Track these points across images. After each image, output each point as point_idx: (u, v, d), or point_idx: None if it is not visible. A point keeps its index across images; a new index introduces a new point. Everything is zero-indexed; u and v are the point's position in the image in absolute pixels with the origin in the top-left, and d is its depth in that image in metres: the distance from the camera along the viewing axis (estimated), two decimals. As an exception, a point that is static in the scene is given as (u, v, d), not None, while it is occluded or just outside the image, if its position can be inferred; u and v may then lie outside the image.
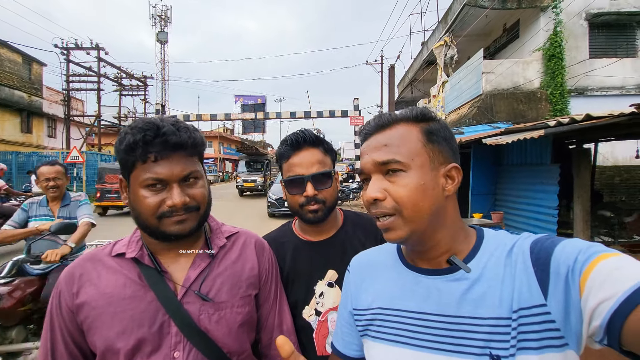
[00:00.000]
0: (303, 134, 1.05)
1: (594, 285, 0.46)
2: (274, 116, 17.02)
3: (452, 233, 0.64)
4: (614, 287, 0.44)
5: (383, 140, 0.62)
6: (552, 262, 0.53)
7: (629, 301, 0.42)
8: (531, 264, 0.56)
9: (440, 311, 0.60)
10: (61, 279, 0.81)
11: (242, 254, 0.94)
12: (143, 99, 26.60)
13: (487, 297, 0.57)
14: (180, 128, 0.79)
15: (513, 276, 0.56)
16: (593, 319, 0.46)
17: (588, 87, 9.23)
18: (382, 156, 0.61)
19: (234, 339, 0.84)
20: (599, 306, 0.45)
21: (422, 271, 0.65)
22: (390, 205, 0.59)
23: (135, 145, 0.74)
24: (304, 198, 1.01)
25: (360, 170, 0.66)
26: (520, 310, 0.54)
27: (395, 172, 0.60)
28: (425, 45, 14.34)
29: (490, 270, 0.59)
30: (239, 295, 0.87)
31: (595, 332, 0.46)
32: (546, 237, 0.59)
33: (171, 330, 0.78)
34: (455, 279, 0.61)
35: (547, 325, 0.52)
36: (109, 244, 0.87)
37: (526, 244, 0.59)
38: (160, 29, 33.27)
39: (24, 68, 19.03)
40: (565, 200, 5.67)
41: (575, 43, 9.20)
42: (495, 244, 0.62)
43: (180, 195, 0.76)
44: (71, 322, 0.78)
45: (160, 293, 0.79)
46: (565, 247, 0.53)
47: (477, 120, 8.99)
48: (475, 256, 0.62)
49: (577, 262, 0.50)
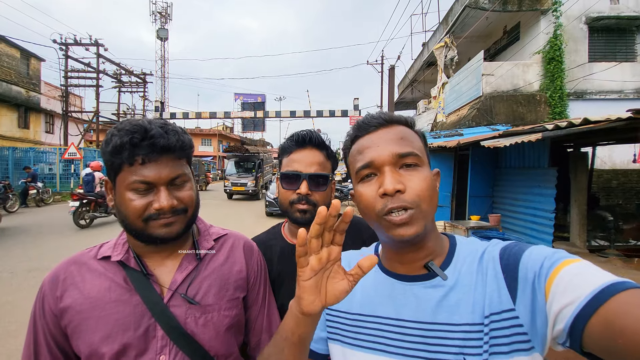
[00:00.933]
0: (311, 133, 1.05)
1: (557, 291, 0.49)
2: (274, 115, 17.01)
3: (436, 234, 0.66)
4: (575, 292, 0.47)
5: (396, 134, 0.62)
6: (520, 268, 0.55)
7: (590, 305, 0.45)
8: (501, 270, 0.58)
9: (417, 318, 0.60)
10: (45, 282, 0.79)
11: (230, 256, 0.92)
12: (142, 96, 26.51)
13: (462, 304, 0.58)
14: (169, 131, 0.78)
15: (484, 282, 0.58)
16: (557, 322, 0.48)
17: (587, 91, 9.24)
18: (402, 148, 0.60)
19: (221, 342, 0.83)
20: (562, 310, 0.47)
21: (400, 277, 0.66)
22: (410, 199, 0.58)
23: (122, 148, 0.72)
24: (296, 195, 1.01)
25: (367, 163, 0.61)
26: (492, 316, 0.55)
27: (412, 167, 0.60)
28: (426, 46, 14.34)
29: (464, 277, 0.60)
30: (227, 298, 0.86)
31: (559, 334, 0.49)
32: (514, 243, 0.61)
33: (157, 334, 0.77)
34: (432, 285, 0.62)
35: (515, 330, 0.54)
36: (94, 247, 0.86)
37: (496, 250, 0.61)
38: (161, 26, 33.17)
39: (22, 63, 18.94)
40: (562, 203, 5.68)
41: (575, 46, 9.21)
42: (467, 250, 0.64)
43: (167, 198, 0.75)
44: (55, 326, 0.77)
45: (146, 296, 0.77)
46: (531, 254, 0.55)
47: (476, 122, 8.99)
48: (450, 263, 0.63)
49: (543, 268, 0.52)
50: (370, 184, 0.62)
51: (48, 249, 6.44)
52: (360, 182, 0.64)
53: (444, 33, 11.67)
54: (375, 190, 0.60)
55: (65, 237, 7.50)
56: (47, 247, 6.61)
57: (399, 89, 19.27)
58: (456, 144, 5.87)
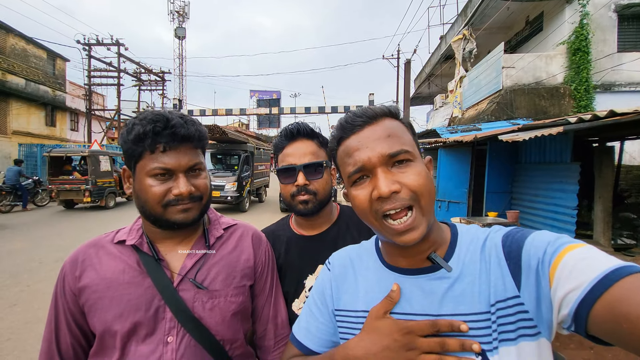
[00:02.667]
0: (298, 125, 1.07)
1: (562, 276, 0.48)
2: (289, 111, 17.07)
3: (437, 225, 0.65)
4: (580, 278, 0.46)
5: (384, 132, 0.60)
6: (523, 255, 0.55)
7: (594, 291, 0.44)
8: (504, 257, 0.57)
9: (424, 311, 0.60)
10: (66, 263, 0.85)
11: (238, 245, 0.95)
12: (161, 94, 27.17)
13: (467, 294, 0.58)
14: (188, 121, 0.82)
15: (488, 270, 0.58)
16: (562, 307, 0.48)
17: (615, 83, 8.80)
18: (391, 147, 0.58)
19: (227, 327, 0.85)
20: (567, 296, 0.47)
21: (403, 271, 0.65)
22: (407, 196, 0.57)
23: (144, 136, 0.76)
24: (295, 188, 1.02)
25: (359, 167, 0.59)
26: (497, 303, 0.55)
27: (405, 163, 0.59)
28: (444, 39, 14.00)
29: (468, 266, 0.60)
30: (233, 285, 0.89)
31: (564, 319, 0.49)
32: (516, 229, 0.60)
33: (166, 316, 0.80)
34: (437, 277, 0.61)
35: (521, 316, 0.53)
36: (112, 232, 0.90)
37: (498, 237, 0.60)
38: (179, 25, 33.76)
39: (48, 64, 19.74)
40: (586, 200, 5.46)
41: (602, 36, 8.77)
42: (469, 239, 0.64)
43: (186, 184, 0.79)
44: (74, 304, 0.82)
45: (157, 280, 0.81)
46: (534, 240, 0.55)
47: (495, 117, 8.73)
48: (454, 253, 0.62)
49: (546, 254, 0.52)
50: (363, 187, 0.60)
51: (73, 240, 6.75)
52: (353, 186, 0.62)
53: (463, 25, 11.35)
54: (369, 193, 0.59)
55: (88, 230, 7.82)
56: (72, 238, 6.92)
57: (416, 84, 18.93)
58: (473, 138, 5.73)
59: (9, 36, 16.96)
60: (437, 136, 7.45)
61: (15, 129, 17.38)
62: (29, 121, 18.30)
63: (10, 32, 16.99)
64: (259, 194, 13.59)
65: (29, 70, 18.01)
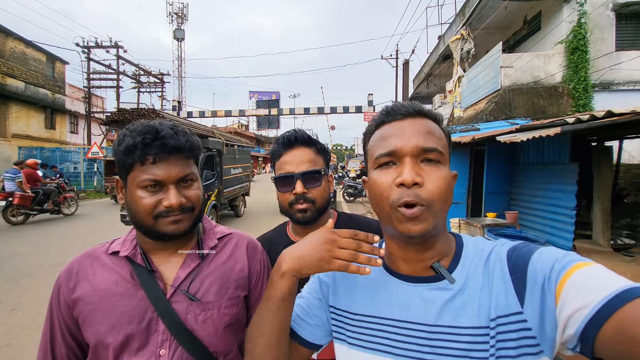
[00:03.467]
0: (295, 133, 1.06)
1: (569, 294, 0.47)
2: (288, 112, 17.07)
3: (445, 235, 0.64)
4: (588, 297, 0.45)
5: (425, 127, 0.60)
6: (529, 270, 0.53)
7: (604, 310, 0.43)
8: (508, 272, 0.56)
9: (422, 320, 0.59)
10: (61, 274, 0.85)
11: (232, 255, 0.94)
12: (160, 96, 27.19)
13: (467, 306, 0.57)
14: (178, 132, 0.81)
15: (491, 284, 0.57)
16: (567, 327, 0.47)
17: (614, 81, 8.80)
18: (428, 142, 0.58)
19: (220, 339, 0.85)
20: (574, 315, 0.46)
21: (405, 278, 0.64)
22: (425, 195, 0.56)
23: (134, 147, 0.76)
24: (293, 196, 1.01)
25: (389, 151, 0.59)
26: (498, 319, 0.54)
27: (434, 162, 0.58)
28: (442, 39, 14.01)
29: (471, 279, 0.59)
30: (227, 296, 0.88)
31: (569, 339, 0.47)
32: (523, 244, 0.59)
33: (158, 328, 0.80)
34: (439, 288, 0.60)
35: (524, 333, 0.52)
36: (107, 242, 0.90)
37: (503, 251, 0.59)
38: (177, 27, 33.77)
39: (47, 66, 19.75)
40: (585, 200, 5.46)
41: (600, 35, 8.77)
42: (474, 251, 0.63)
43: (176, 196, 0.78)
44: (68, 315, 0.82)
45: (150, 291, 0.81)
46: (541, 256, 0.54)
47: (494, 116, 8.73)
48: (458, 265, 0.61)
49: (554, 271, 0.50)
50: (387, 171, 0.60)
51: (73, 244, 6.74)
52: (378, 169, 0.61)
53: (461, 25, 11.36)
54: (392, 179, 0.58)
55: (89, 232, 7.82)
56: (72, 242, 6.91)
57: (414, 84, 18.93)
58: (471, 139, 5.73)
59: (8, 39, 16.97)
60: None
61: (15, 132, 17.38)
62: (28, 124, 18.31)
63: (9, 36, 17.00)
64: (233, 206, 10.28)
65: (28, 73, 18.02)
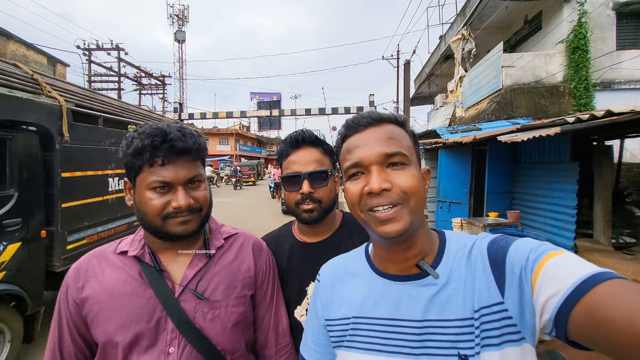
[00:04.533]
0: (303, 133, 1.07)
1: (543, 282, 0.51)
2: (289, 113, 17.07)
3: (425, 233, 0.67)
4: (560, 283, 0.48)
5: (385, 134, 0.63)
6: (507, 262, 0.57)
7: (573, 295, 0.46)
8: (489, 264, 0.59)
9: (410, 316, 0.62)
10: (69, 274, 0.86)
11: (239, 254, 0.96)
12: (162, 98, 27.25)
13: (452, 300, 0.59)
14: (186, 134, 0.83)
15: (473, 277, 0.60)
16: (543, 313, 0.50)
17: (615, 80, 8.79)
18: (389, 148, 0.62)
19: (228, 337, 0.86)
20: (548, 301, 0.49)
21: (393, 277, 0.67)
22: (397, 195, 0.60)
23: (143, 150, 0.78)
24: (300, 195, 1.02)
25: (355, 163, 0.63)
26: (482, 310, 0.57)
27: (399, 165, 0.62)
28: (443, 39, 14.00)
29: (455, 273, 0.62)
30: (234, 295, 0.89)
31: (545, 325, 0.50)
32: (501, 237, 0.63)
33: (167, 327, 0.81)
34: (425, 284, 0.63)
35: (505, 322, 0.55)
36: (115, 242, 0.92)
37: (484, 244, 0.62)
38: (178, 29, 33.84)
39: (48, 69, 19.82)
40: (587, 199, 5.46)
41: (601, 34, 8.76)
42: (457, 246, 0.66)
43: (184, 197, 0.80)
44: (77, 314, 0.83)
45: (159, 290, 0.82)
46: (517, 247, 0.57)
47: (496, 116, 8.73)
48: (441, 260, 0.64)
49: (529, 261, 0.54)
50: (357, 181, 0.64)
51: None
52: (349, 180, 0.66)
53: (462, 25, 11.36)
54: (361, 188, 0.62)
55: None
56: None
57: (416, 84, 18.92)
58: (472, 139, 5.74)
59: (9, 42, 17.05)
60: (437, 137, 7.45)
61: (18, 135, 17.45)
62: (31, 126, 18.37)
63: (10, 39, 17.08)
64: None
65: (30, 76, 18.09)
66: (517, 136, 4.22)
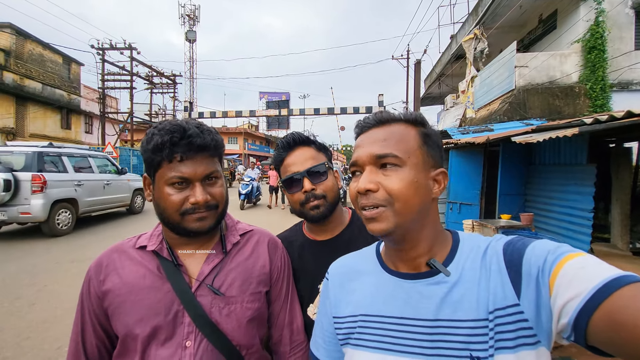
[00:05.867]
0: (293, 135, 1.08)
1: (561, 285, 0.49)
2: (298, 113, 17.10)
3: (433, 234, 0.66)
4: (579, 286, 0.47)
5: (382, 135, 0.64)
6: (523, 263, 0.55)
7: (594, 299, 0.45)
8: (504, 265, 0.58)
9: (421, 315, 0.61)
10: (91, 267, 0.88)
11: (254, 251, 0.96)
12: (172, 97, 27.58)
13: (465, 300, 0.58)
14: (204, 131, 0.84)
15: (488, 278, 0.58)
16: (561, 316, 0.48)
17: (633, 81, 8.56)
18: (380, 149, 0.62)
19: (243, 333, 0.87)
20: (567, 305, 0.47)
21: (403, 275, 0.66)
22: (382, 197, 0.60)
23: (162, 146, 0.79)
24: (304, 195, 1.02)
25: (353, 162, 0.66)
26: (496, 311, 0.55)
27: (391, 167, 0.62)
28: (455, 39, 13.85)
29: (467, 272, 0.61)
30: (249, 291, 0.90)
31: (563, 329, 0.49)
32: (518, 238, 0.61)
33: (184, 320, 0.82)
34: (435, 282, 0.62)
35: (521, 324, 0.54)
36: (134, 237, 0.93)
37: (499, 245, 0.61)
38: (189, 28, 34.23)
39: (63, 68, 20.25)
40: (603, 202, 5.33)
41: (619, 33, 8.55)
42: (470, 246, 0.65)
43: (202, 193, 0.81)
44: (98, 307, 0.85)
45: (176, 285, 0.83)
46: (535, 248, 0.56)
47: (508, 117, 8.60)
48: (453, 259, 0.64)
49: (547, 263, 0.52)
50: (355, 180, 0.66)
51: (87, 241, 6.89)
52: (352, 178, 0.68)
53: (474, 24, 11.22)
54: (356, 187, 0.64)
55: (99, 232, 7.98)
56: (87, 240, 7.07)
57: (426, 84, 18.77)
58: (485, 139, 5.65)
59: (26, 42, 17.47)
60: (448, 137, 7.37)
61: (33, 132, 17.87)
62: (45, 124, 18.80)
63: (27, 38, 17.50)
64: None
65: (45, 74, 18.51)
66: (533, 137, 4.13)
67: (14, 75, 16.39)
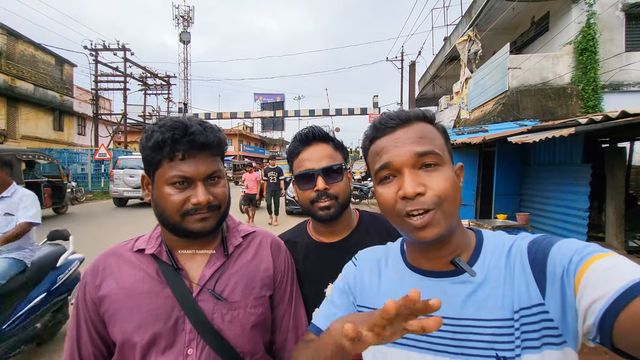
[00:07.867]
0: (312, 129, 1.04)
1: (587, 285, 0.47)
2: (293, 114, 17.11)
3: (461, 232, 0.65)
4: (605, 287, 0.45)
5: (416, 133, 0.61)
6: (548, 263, 0.54)
7: (620, 300, 0.43)
8: (529, 265, 0.56)
9: (445, 313, 0.59)
10: (87, 272, 0.83)
11: (257, 254, 0.92)
12: (167, 98, 27.40)
13: (490, 299, 0.57)
14: (207, 128, 0.80)
15: (512, 277, 0.57)
16: (587, 317, 0.47)
17: (624, 82, 8.71)
18: (421, 147, 0.59)
19: (247, 339, 0.83)
20: (592, 305, 0.46)
21: (427, 273, 0.65)
22: (431, 200, 0.57)
23: (163, 143, 0.75)
24: (315, 193, 0.99)
25: (384, 165, 0.61)
26: (521, 310, 0.54)
27: (433, 166, 0.59)
28: (448, 41, 13.97)
29: (492, 272, 0.59)
30: (253, 296, 0.86)
31: (589, 330, 0.47)
32: (543, 237, 0.59)
33: (185, 327, 0.78)
34: (460, 281, 0.61)
35: (546, 324, 0.53)
36: (131, 240, 0.89)
37: (524, 244, 0.60)
38: (183, 29, 34.07)
39: (56, 69, 20.01)
40: (597, 202, 5.38)
41: (610, 35, 8.69)
42: (494, 245, 0.63)
43: (204, 193, 0.77)
44: (94, 313, 0.80)
45: (176, 289, 0.79)
46: (560, 248, 0.54)
47: (502, 118, 8.68)
48: (478, 258, 0.62)
49: (572, 263, 0.51)
50: (389, 185, 0.61)
51: (85, 242, 6.79)
52: (380, 184, 0.63)
53: (467, 26, 11.32)
54: (395, 192, 0.60)
55: (98, 232, 7.87)
56: (85, 240, 6.96)
57: (420, 85, 18.89)
58: (481, 140, 5.68)
59: (18, 42, 17.23)
60: (443, 138, 7.40)
61: (24, 134, 17.60)
62: (37, 126, 18.53)
63: (19, 39, 17.26)
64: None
65: (37, 75, 18.27)
66: (529, 137, 4.16)
67: (5, 76, 16.14)
